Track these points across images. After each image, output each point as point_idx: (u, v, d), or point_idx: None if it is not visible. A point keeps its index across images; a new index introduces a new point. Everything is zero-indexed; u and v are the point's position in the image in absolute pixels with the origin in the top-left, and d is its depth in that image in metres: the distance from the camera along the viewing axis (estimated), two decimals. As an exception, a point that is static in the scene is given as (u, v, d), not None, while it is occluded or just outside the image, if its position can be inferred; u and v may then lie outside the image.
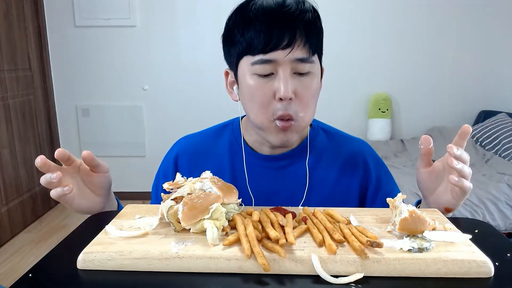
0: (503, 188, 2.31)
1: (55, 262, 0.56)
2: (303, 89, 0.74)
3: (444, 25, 3.27)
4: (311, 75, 0.75)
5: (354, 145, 0.92)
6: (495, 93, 3.37)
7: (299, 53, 0.72)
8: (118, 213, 0.68)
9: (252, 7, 0.73)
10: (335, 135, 0.93)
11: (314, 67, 0.76)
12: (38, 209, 3.23)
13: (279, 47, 0.71)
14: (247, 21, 0.73)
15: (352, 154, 0.90)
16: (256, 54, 0.72)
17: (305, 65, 0.73)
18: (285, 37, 0.71)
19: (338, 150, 0.90)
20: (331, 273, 0.50)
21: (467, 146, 3.01)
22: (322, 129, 0.93)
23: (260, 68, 0.73)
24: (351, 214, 0.64)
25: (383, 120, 3.30)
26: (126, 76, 3.37)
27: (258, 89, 0.74)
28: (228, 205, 0.61)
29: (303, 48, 0.72)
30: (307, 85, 0.75)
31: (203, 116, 3.36)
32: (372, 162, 0.90)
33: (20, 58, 3.02)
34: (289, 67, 0.72)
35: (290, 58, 0.72)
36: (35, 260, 0.56)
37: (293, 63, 0.72)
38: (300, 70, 0.73)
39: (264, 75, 0.73)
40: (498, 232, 0.66)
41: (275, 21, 0.71)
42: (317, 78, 0.78)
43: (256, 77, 0.74)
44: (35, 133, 3.21)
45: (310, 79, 0.75)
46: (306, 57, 0.73)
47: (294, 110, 0.74)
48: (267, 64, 0.72)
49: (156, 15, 3.27)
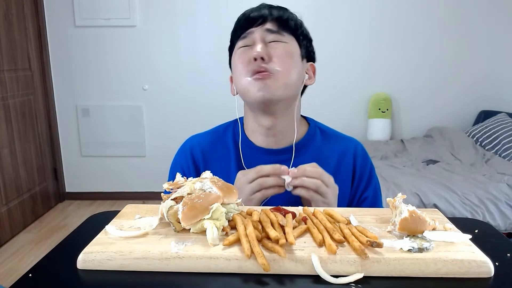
0: (503, 188, 2.31)
1: (55, 262, 0.56)
2: (276, 51, 0.86)
3: (444, 25, 3.27)
4: (284, 44, 0.87)
5: (345, 144, 0.97)
6: (495, 93, 3.37)
7: (270, 25, 0.87)
8: (118, 213, 0.68)
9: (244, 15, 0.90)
10: (329, 135, 0.99)
11: (286, 39, 0.88)
12: (38, 209, 3.23)
13: (254, 24, 0.88)
14: (239, 19, 0.91)
15: (343, 154, 0.96)
16: (240, 32, 0.89)
17: (275, 36, 0.87)
18: (259, 18, 0.88)
19: (332, 150, 0.96)
20: (331, 273, 0.50)
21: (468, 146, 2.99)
22: (319, 129, 0.99)
23: (242, 42, 0.89)
24: (351, 214, 0.64)
25: (383, 120, 3.30)
26: (126, 76, 3.37)
27: (240, 58, 0.88)
28: (228, 205, 0.61)
29: (274, 24, 0.88)
30: (280, 50, 0.86)
31: (203, 116, 3.36)
32: (361, 160, 0.96)
33: (20, 58, 3.02)
34: (262, 36, 0.87)
35: (262, 29, 0.87)
36: (35, 260, 0.56)
37: (265, 33, 0.87)
38: (271, 39, 0.87)
39: (245, 46, 0.88)
40: (498, 232, 0.66)
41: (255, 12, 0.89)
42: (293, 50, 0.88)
43: (240, 50, 0.89)
44: (35, 133, 3.21)
45: (283, 46, 0.87)
46: (275, 29, 0.87)
47: (270, 67, 0.84)
48: (246, 38, 0.88)
49: (156, 15, 3.27)
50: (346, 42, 3.29)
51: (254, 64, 0.84)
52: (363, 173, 0.96)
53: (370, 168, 0.97)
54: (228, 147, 0.96)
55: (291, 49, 0.88)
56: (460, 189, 2.30)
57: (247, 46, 0.88)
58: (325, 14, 3.20)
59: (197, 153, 0.96)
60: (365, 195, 0.95)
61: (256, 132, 0.94)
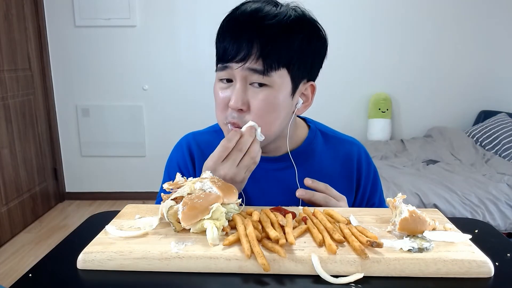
0: (503, 188, 2.31)
1: (55, 262, 0.56)
2: (257, 101, 0.74)
3: (444, 25, 3.27)
4: (269, 89, 0.74)
5: (348, 147, 0.93)
6: (495, 93, 3.37)
7: (254, 65, 0.73)
8: (118, 213, 0.68)
9: (227, 17, 0.76)
10: (331, 138, 0.93)
11: (273, 81, 0.74)
12: (38, 209, 3.22)
13: (235, 59, 0.73)
14: (220, 30, 0.77)
15: (347, 157, 0.91)
16: (219, 62, 0.77)
17: (260, 77, 0.73)
18: (241, 50, 0.72)
19: (335, 153, 0.91)
20: (331, 273, 0.50)
21: (467, 146, 2.98)
22: (320, 131, 0.93)
23: (220, 74, 0.77)
24: (351, 214, 0.64)
25: (383, 120, 3.30)
26: (126, 76, 3.37)
27: (218, 93, 0.78)
28: (228, 205, 0.61)
29: (257, 62, 0.72)
30: (263, 98, 0.74)
31: (203, 116, 3.35)
32: (365, 164, 0.92)
33: (20, 58, 3.02)
34: (243, 77, 0.74)
35: (244, 68, 0.73)
36: (35, 260, 0.56)
37: (247, 73, 0.73)
38: (254, 80, 0.74)
39: (225, 80, 0.77)
40: (498, 232, 0.66)
41: (237, 33, 0.74)
42: (280, 92, 0.75)
43: (219, 83, 0.78)
44: (35, 133, 3.21)
45: (268, 92, 0.74)
46: (260, 69, 0.73)
47: (245, 120, 0.76)
48: (225, 71, 0.76)
49: (156, 15, 3.27)
50: (346, 42, 3.29)
51: (230, 111, 0.76)
52: (368, 180, 0.92)
53: (374, 173, 0.94)
54: None
55: (277, 94, 0.75)
56: (460, 189, 2.30)
57: (225, 80, 0.77)
58: (324, 14, 3.19)
59: (194, 150, 0.92)
60: (372, 202, 0.93)
61: None
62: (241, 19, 0.74)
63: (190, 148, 0.93)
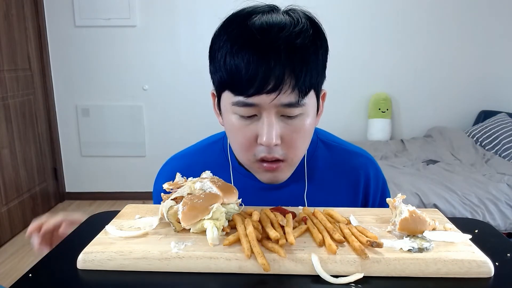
0: (503, 188, 2.31)
1: (55, 262, 0.56)
2: (291, 133, 0.66)
3: (444, 25, 3.27)
4: (301, 117, 0.66)
5: (356, 160, 0.84)
6: (495, 93, 3.37)
7: (287, 98, 0.62)
8: (118, 213, 0.68)
9: (235, 31, 0.63)
10: (336, 149, 0.85)
11: (306, 108, 0.66)
12: (38, 209, 3.22)
13: (263, 91, 0.61)
14: (230, 47, 0.63)
15: (354, 172, 0.83)
16: (237, 95, 0.63)
17: (294, 110, 0.64)
18: (270, 80, 0.60)
19: (341, 168, 0.83)
20: (331, 273, 0.50)
21: (467, 146, 2.98)
22: (322, 142, 0.85)
23: (241, 110, 0.65)
24: (351, 214, 0.64)
25: (383, 120, 3.30)
26: (126, 76, 3.37)
27: (239, 130, 0.67)
28: (228, 205, 0.61)
29: (292, 93, 0.62)
30: (296, 128, 0.66)
31: (203, 116, 3.36)
32: (373, 179, 0.85)
33: (20, 58, 3.02)
34: (274, 111, 0.63)
35: (276, 103, 0.62)
36: (35, 260, 0.56)
37: (279, 107, 0.63)
38: (287, 113, 0.64)
39: (247, 116, 0.65)
40: (498, 232, 0.65)
41: (260, 58, 0.60)
42: (310, 116, 0.68)
43: (237, 117, 0.66)
44: (35, 133, 3.21)
45: (300, 122, 0.66)
46: (295, 102, 0.63)
47: (281, 153, 0.67)
48: (249, 107, 0.63)
49: (156, 15, 3.27)
50: (346, 42, 3.29)
51: (261, 148, 0.67)
52: (376, 195, 0.85)
53: (383, 187, 0.86)
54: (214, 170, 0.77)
55: (309, 119, 0.67)
56: (460, 189, 2.30)
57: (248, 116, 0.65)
58: (324, 14, 3.18)
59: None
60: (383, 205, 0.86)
61: None
62: (259, 38, 0.60)
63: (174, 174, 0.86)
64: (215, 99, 0.75)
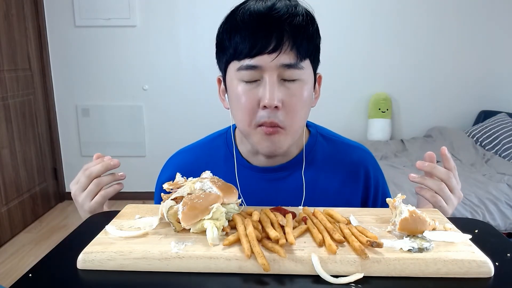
0: (503, 188, 2.31)
1: (55, 262, 0.56)
2: (290, 97, 0.71)
3: (444, 25, 3.27)
4: (300, 82, 0.72)
5: (355, 154, 0.88)
6: (495, 93, 3.37)
7: (286, 58, 0.69)
8: (118, 213, 0.68)
9: (240, 12, 0.71)
10: (336, 142, 0.89)
11: (304, 73, 0.72)
12: (38, 209, 3.22)
13: (265, 51, 0.68)
14: (234, 26, 0.71)
15: (353, 164, 0.86)
16: (242, 59, 0.70)
17: (293, 72, 0.70)
18: (271, 41, 0.68)
19: (340, 159, 0.86)
20: (331, 273, 0.50)
21: (467, 146, 2.97)
22: (322, 136, 0.88)
23: (245, 74, 0.71)
24: (351, 214, 0.64)
25: (383, 120, 3.30)
26: (126, 76, 3.37)
27: (243, 95, 0.72)
28: (228, 205, 0.61)
29: (291, 53, 0.69)
30: (296, 93, 0.71)
31: (203, 116, 3.36)
32: (373, 171, 0.88)
33: (20, 58, 3.02)
34: (275, 73, 0.70)
35: (277, 64, 0.69)
36: (35, 260, 0.56)
37: (279, 69, 0.69)
38: (287, 76, 0.70)
39: (250, 81, 0.71)
40: (498, 232, 0.65)
41: (262, 25, 0.68)
42: (308, 85, 0.74)
43: (242, 83, 0.72)
44: (35, 133, 3.21)
45: (299, 87, 0.72)
46: (294, 63, 0.69)
47: (281, 118, 0.71)
48: (253, 70, 0.70)
49: (156, 15, 3.27)
50: (346, 42, 3.29)
51: (262, 112, 0.71)
52: (377, 187, 0.88)
53: (381, 172, 0.90)
54: (219, 163, 0.86)
55: (307, 87, 0.73)
56: (460, 189, 2.30)
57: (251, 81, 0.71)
58: (324, 14, 3.20)
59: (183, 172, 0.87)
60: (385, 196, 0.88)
61: (252, 152, 0.84)
62: (262, 10, 0.69)
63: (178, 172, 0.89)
64: (221, 84, 0.81)
